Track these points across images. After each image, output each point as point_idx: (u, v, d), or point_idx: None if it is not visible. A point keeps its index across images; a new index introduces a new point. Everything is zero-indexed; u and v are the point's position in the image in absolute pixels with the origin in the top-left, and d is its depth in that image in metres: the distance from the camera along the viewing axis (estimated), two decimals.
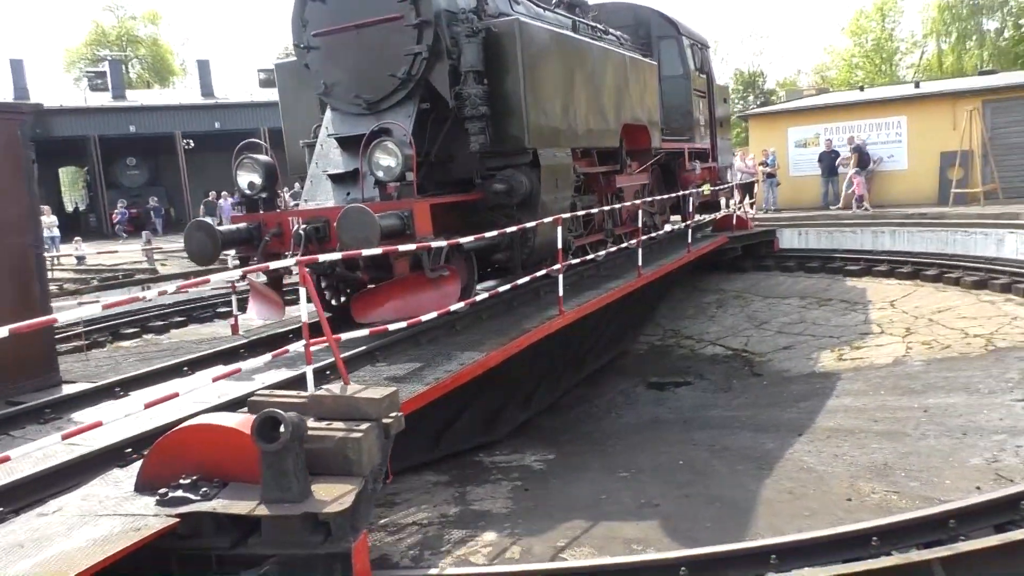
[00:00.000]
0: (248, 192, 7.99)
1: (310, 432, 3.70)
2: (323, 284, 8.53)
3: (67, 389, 6.34)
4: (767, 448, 8.13)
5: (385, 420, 3.99)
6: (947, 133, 18.12)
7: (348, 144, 8.14)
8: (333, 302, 8.72)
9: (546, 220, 8.25)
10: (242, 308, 8.89)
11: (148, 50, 58.11)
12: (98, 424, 3.93)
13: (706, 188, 15.60)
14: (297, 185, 13.48)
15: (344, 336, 5.30)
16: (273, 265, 5.17)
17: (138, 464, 4.03)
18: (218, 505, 3.49)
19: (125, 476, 4.05)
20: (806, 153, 20.64)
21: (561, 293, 8.25)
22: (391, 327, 6.02)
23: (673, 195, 14.42)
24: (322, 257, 5.57)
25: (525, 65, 8.21)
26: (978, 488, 6.19)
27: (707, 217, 16.57)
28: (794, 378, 11.61)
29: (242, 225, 7.65)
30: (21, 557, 3.10)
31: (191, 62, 56.36)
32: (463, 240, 7.20)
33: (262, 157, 8.01)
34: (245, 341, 7.90)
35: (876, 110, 19.65)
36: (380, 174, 7.34)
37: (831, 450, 7.75)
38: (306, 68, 8.45)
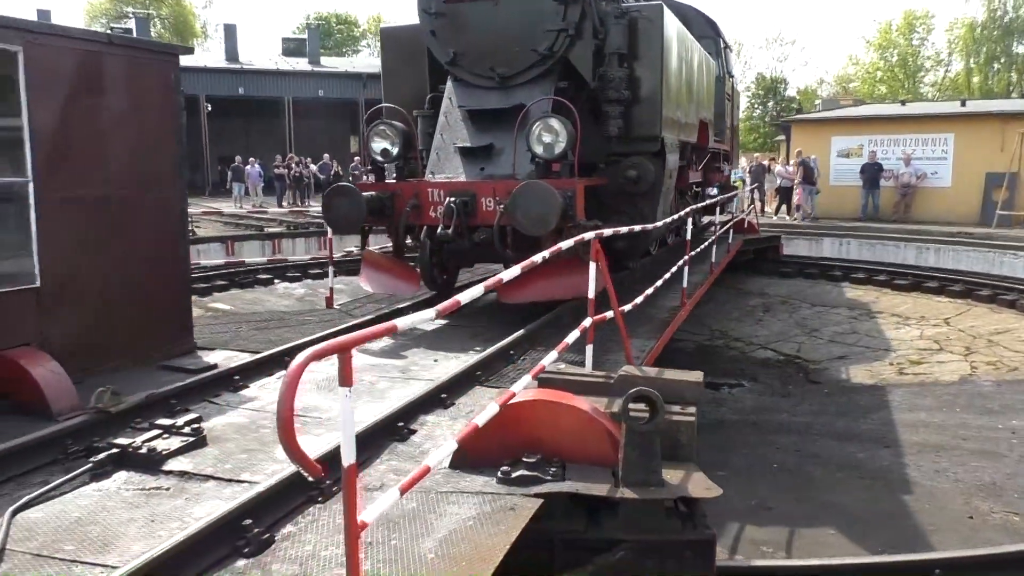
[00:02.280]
0: (380, 159, 8.01)
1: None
2: (432, 260, 8.58)
3: (211, 357, 6.38)
4: (859, 458, 8.40)
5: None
6: (994, 154, 18.57)
7: (479, 117, 8.19)
8: (437, 280, 8.82)
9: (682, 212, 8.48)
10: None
11: (170, 9, 57.15)
12: None
13: (739, 186, 15.94)
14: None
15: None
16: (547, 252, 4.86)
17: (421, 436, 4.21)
18: (580, 487, 3.56)
19: (415, 451, 4.22)
20: (848, 163, 21.01)
21: (685, 284, 8.51)
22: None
23: (726, 196, 14.72)
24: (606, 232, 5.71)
25: (664, 52, 8.39)
26: None
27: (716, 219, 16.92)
28: (856, 388, 11.91)
29: (373, 194, 7.68)
30: (416, 535, 3.20)
31: (212, 26, 55.67)
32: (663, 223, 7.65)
33: (399, 124, 8.04)
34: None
35: (923, 125, 20.06)
36: (540, 150, 7.37)
37: (929, 465, 8.02)
38: (432, 35, 8.42)
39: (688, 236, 8.78)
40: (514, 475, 3.72)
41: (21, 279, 5.13)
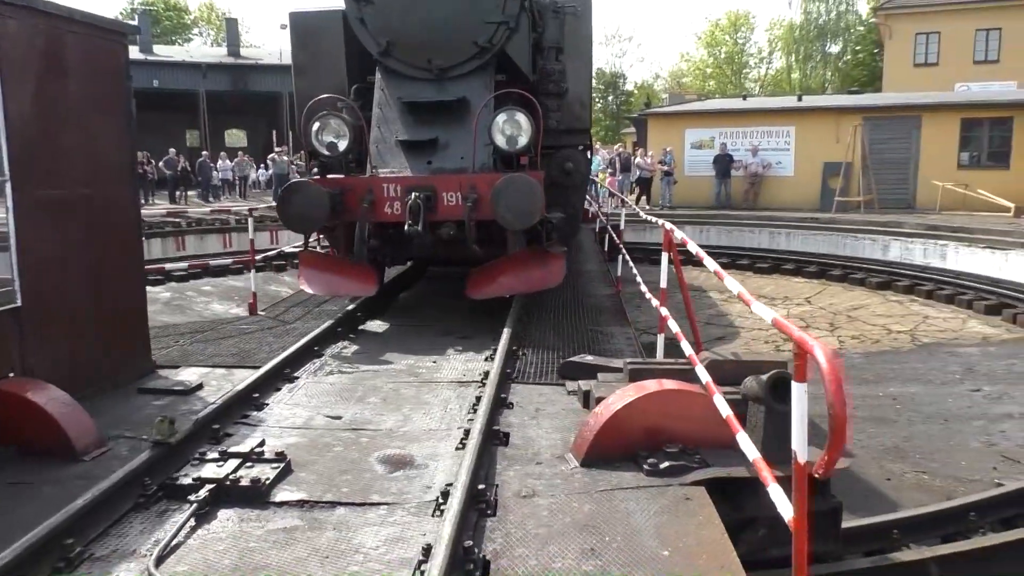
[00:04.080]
0: (327, 154, 7.60)
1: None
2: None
3: (183, 375, 5.80)
4: None
5: None
6: (831, 145, 20.98)
7: (418, 110, 7.99)
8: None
9: None
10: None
11: None
12: None
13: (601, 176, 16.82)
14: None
15: None
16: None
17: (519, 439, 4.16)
18: (731, 471, 3.72)
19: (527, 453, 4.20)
20: (701, 154, 22.76)
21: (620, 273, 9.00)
22: None
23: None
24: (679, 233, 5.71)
25: (592, 46, 8.72)
26: (995, 468, 7.32)
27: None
28: None
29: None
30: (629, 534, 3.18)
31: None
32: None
33: (348, 117, 7.66)
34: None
35: (769, 118, 22.20)
36: (502, 143, 7.38)
37: None
38: (361, 23, 8.10)
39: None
40: (663, 466, 3.82)
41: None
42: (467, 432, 4.37)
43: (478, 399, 5.02)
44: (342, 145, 7.62)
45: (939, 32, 26.88)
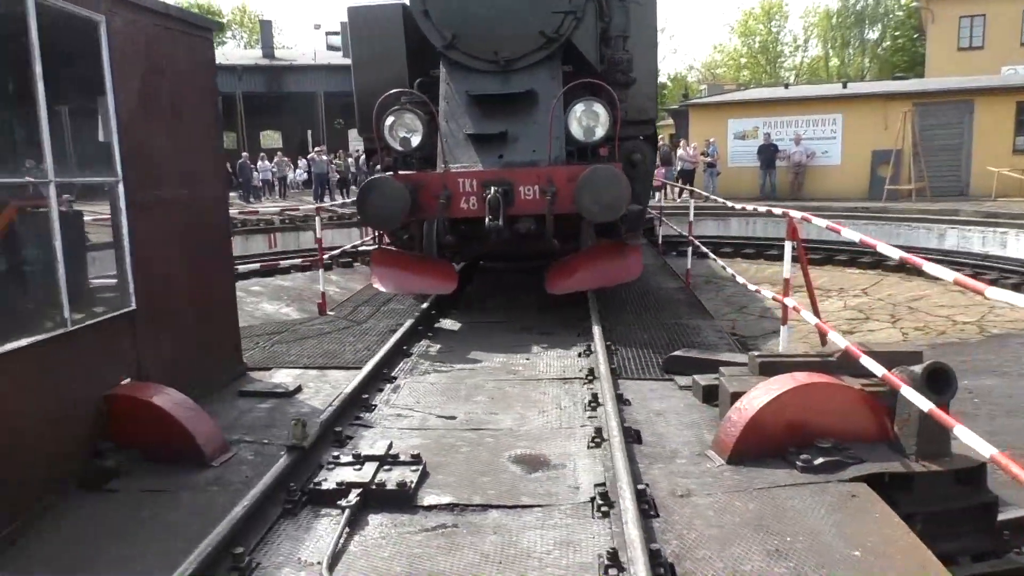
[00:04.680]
0: (400, 149, 7.53)
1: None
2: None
3: (276, 377, 5.75)
4: None
5: None
6: (879, 132, 20.57)
7: (485, 103, 7.89)
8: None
9: None
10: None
11: None
12: None
13: None
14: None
15: None
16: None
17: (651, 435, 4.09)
18: (887, 466, 3.62)
19: (663, 450, 4.10)
20: (745, 145, 22.44)
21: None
22: None
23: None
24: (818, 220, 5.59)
25: (656, 35, 8.57)
26: None
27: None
28: None
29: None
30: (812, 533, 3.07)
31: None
32: None
33: (421, 112, 7.59)
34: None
35: (814, 107, 21.82)
36: (580, 134, 7.32)
37: None
38: (425, 16, 8.03)
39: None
40: (817, 462, 3.67)
41: (115, 302, 4.32)
42: (598, 430, 4.26)
43: (594, 396, 4.92)
44: (415, 140, 7.55)
45: (984, 15, 26.33)
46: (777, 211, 4.98)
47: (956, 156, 20.15)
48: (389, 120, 7.55)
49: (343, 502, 3.37)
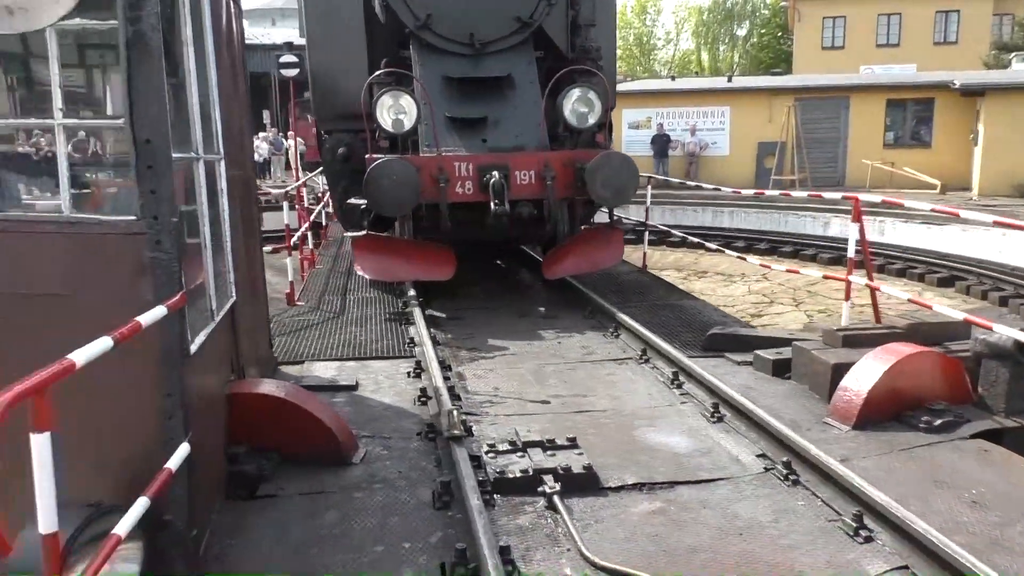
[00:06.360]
0: (392, 130, 7.38)
1: None
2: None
3: (315, 369, 5.58)
4: None
5: None
6: (764, 125, 22.19)
7: (461, 87, 7.92)
8: None
9: None
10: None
11: None
12: None
13: None
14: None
15: None
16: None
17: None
18: (988, 423, 4.15)
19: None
20: (639, 135, 23.44)
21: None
22: None
23: None
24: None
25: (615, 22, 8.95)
26: None
27: None
28: None
29: None
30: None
31: None
32: None
33: (414, 94, 7.47)
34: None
35: (704, 99, 23.16)
36: (573, 120, 7.49)
37: None
38: None
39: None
40: (937, 423, 4.12)
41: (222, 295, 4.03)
42: (716, 406, 4.49)
43: (675, 374, 5.15)
44: (408, 123, 7.45)
45: (845, 16, 28.98)
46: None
47: (834, 149, 22.13)
48: (388, 101, 7.39)
49: (544, 488, 3.41)
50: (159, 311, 2.40)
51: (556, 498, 3.33)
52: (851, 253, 5.40)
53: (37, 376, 1.67)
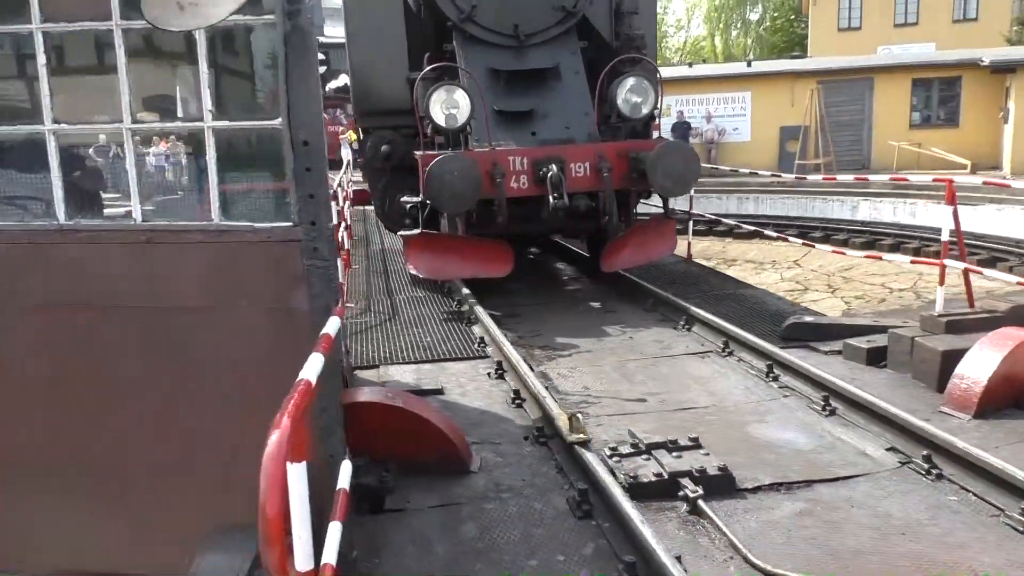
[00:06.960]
0: (444, 126, 7.28)
1: None
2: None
3: (391, 374, 5.56)
4: None
5: None
6: (786, 109, 22.03)
7: (510, 80, 7.86)
8: None
9: None
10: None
11: None
12: None
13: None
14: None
15: None
16: None
17: None
18: None
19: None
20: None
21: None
22: None
23: None
24: None
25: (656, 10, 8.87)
26: None
27: None
28: None
29: None
30: None
31: None
32: None
33: (464, 87, 7.40)
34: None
35: (724, 84, 23.02)
36: (627, 110, 7.47)
37: None
38: None
39: None
40: None
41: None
42: (826, 398, 4.40)
43: (769, 367, 5.06)
44: (461, 117, 7.36)
45: None
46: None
47: (859, 131, 21.96)
48: (443, 96, 7.31)
49: (685, 492, 3.33)
50: (335, 322, 2.32)
51: (701, 502, 3.26)
52: (945, 237, 5.30)
53: (288, 404, 1.58)
